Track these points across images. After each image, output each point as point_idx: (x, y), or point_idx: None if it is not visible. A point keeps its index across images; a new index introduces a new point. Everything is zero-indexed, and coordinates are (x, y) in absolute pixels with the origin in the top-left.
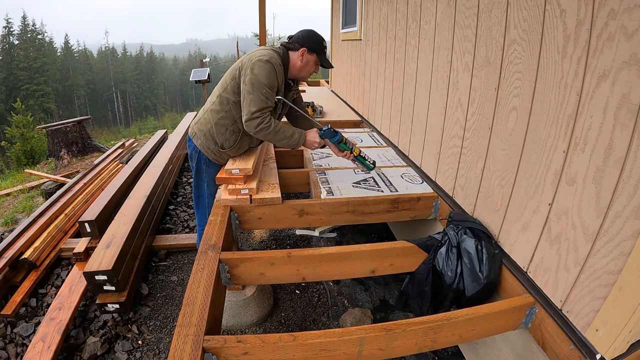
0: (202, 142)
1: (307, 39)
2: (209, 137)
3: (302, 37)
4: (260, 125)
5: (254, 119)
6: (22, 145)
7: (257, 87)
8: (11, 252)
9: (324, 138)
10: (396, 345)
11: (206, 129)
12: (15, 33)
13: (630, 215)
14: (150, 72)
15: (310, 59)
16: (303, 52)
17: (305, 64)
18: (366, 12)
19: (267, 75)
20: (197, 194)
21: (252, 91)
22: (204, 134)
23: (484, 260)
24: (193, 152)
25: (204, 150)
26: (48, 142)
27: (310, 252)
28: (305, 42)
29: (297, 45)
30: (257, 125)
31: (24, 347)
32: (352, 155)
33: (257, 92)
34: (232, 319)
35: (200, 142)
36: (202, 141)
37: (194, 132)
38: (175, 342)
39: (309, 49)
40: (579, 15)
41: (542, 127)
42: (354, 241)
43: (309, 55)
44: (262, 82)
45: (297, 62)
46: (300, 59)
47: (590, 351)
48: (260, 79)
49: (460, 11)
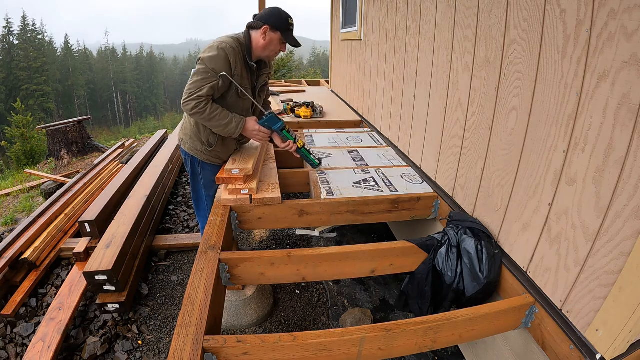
0: (190, 146)
1: (270, 16)
2: (194, 138)
3: (265, 15)
4: (195, 109)
5: (189, 101)
6: (22, 145)
7: (199, 72)
8: (11, 252)
9: (265, 126)
10: (396, 345)
11: (190, 132)
12: (15, 33)
13: (630, 215)
14: (150, 72)
15: (274, 37)
16: (265, 30)
17: (268, 42)
18: (366, 12)
19: (214, 60)
20: (196, 197)
21: (195, 74)
22: (189, 137)
23: (484, 260)
24: (186, 158)
25: (194, 153)
26: (48, 142)
27: (310, 252)
28: (268, 19)
29: (259, 23)
30: (192, 108)
31: (24, 347)
32: (295, 145)
33: (197, 76)
34: (232, 319)
35: (188, 146)
36: (189, 145)
37: (181, 139)
38: (175, 342)
39: (271, 26)
40: (579, 15)
41: (542, 127)
42: (354, 241)
43: (272, 34)
44: (208, 65)
45: (259, 40)
46: (263, 37)
47: (590, 351)
48: (207, 61)
49: (460, 11)
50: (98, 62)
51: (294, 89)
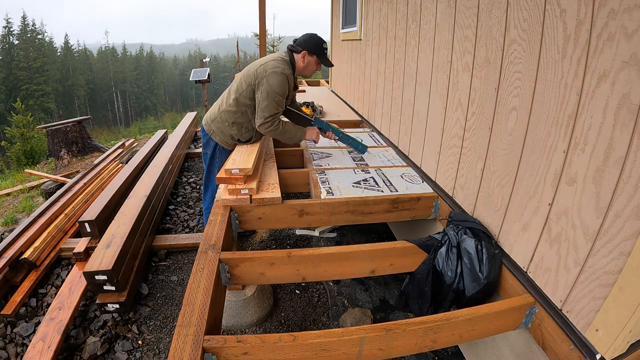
0: (220, 138)
1: (308, 42)
2: (227, 134)
3: (303, 41)
4: (271, 127)
5: (266, 123)
6: (22, 145)
7: (271, 96)
8: (11, 252)
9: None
10: (396, 345)
11: (224, 127)
12: (15, 33)
13: (630, 215)
14: (150, 72)
15: (311, 60)
16: (304, 54)
17: (306, 64)
18: (366, 12)
19: (280, 85)
20: (208, 179)
21: (266, 99)
22: (221, 131)
23: (484, 260)
24: (210, 141)
25: (222, 144)
26: (48, 142)
27: (310, 252)
28: (306, 45)
29: (299, 48)
30: (267, 128)
31: (24, 347)
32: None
33: (271, 100)
34: (232, 319)
35: (218, 138)
36: (220, 137)
37: (212, 130)
38: (175, 342)
39: (309, 51)
40: (579, 15)
41: (542, 127)
42: (354, 241)
43: (309, 57)
44: (276, 91)
45: (300, 63)
46: (302, 60)
47: (590, 351)
48: (275, 89)
49: (460, 11)
50: (98, 62)
51: None
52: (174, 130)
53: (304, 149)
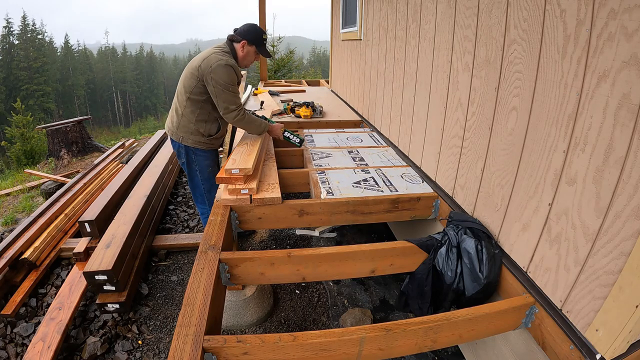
0: (193, 140)
1: (248, 32)
2: (196, 133)
3: (244, 30)
4: (237, 116)
5: (230, 112)
6: (22, 145)
7: (224, 87)
8: (11, 252)
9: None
10: (396, 345)
11: (191, 129)
12: (15, 33)
13: (630, 215)
14: (150, 72)
15: (250, 50)
16: (244, 44)
17: (245, 54)
18: (366, 12)
19: (229, 76)
20: (192, 185)
21: (222, 92)
22: (190, 133)
23: (484, 260)
24: (180, 149)
25: (197, 145)
26: (48, 142)
27: (310, 252)
28: (245, 35)
29: (239, 37)
30: (234, 117)
31: (24, 347)
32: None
33: (226, 91)
34: (232, 319)
35: (191, 141)
36: (192, 140)
37: (181, 136)
38: (175, 342)
39: (248, 41)
40: (579, 15)
41: (542, 127)
42: (354, 241)
43: (249, 47)
44: (227, 82)
45: (239, 52)
46: (242, 50)
47: (590, 351)
48: (225, 80)
49: (460, 11)
50: (98, 62)
51: (294, 89)
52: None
53: (304, 149)
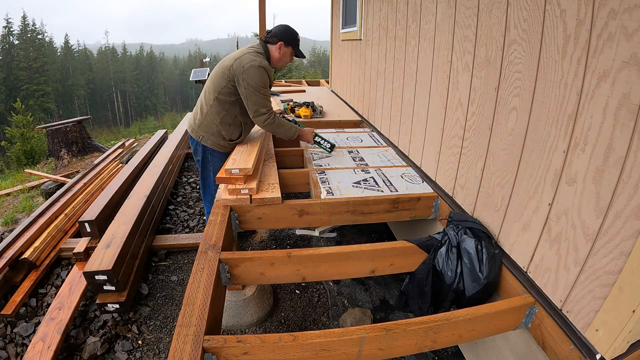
0: (212, 142)
1: (284, 33)
2: (217, 135)
3: (279, 32)
4: (267, 120)
5: (261, 115)
6: (22, 145)
7: (256, 89)
8: (11, 252)
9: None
10: (396, 345)
11: (213, 130)
12: (15, 33)
13: (630, 215)
14: (150, 72)
15: (287, 51)
16: (280, 45)
17: (282, 55)
18: (366, 12)
19: (262, 78)
20: (204, 184)
21: (253, 94)
22: (212, 134)
23: (484, 260)
24: (198, 147)
25: (215, 147)
26: (48, 142)
27: (310, 252)
28: (282, 36)
29: (275, 39)
30: (264, 120)
31: (24, 347)
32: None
33: (257, 94)
34: (232, 319)
35: (210, 141)
36: (211, 141)
37: (201, 135)
38: (175, 342)
39: (285, 42)
40: (579, 15)
41: (542, 127)
42: (354, 241)
43: (285, 48)
44: (259, 84)
45: (275, 54)
46: (278, 51)
47: (590, 351)
48: (257, 82)
49: (460, 11)
50: (98, 62)
51: (294, 88)
52: (174, 130)
53: (304, 149)
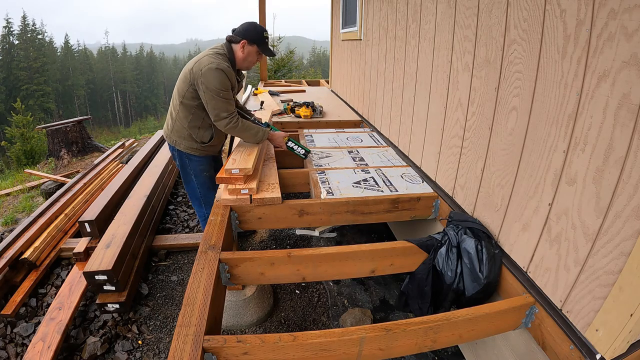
0: (185, 145)
1: (247, 31)
2: (189, 139)
3: (242, 30)
4: (229, 124)
5: (222, 119)
6: (22, 145)
7: (215, 92)
8: (11, 252)
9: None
10: (396, 345)
11: (184, 134)
12: (15, 33)
13: (630, 215)
14: (150, 72)
15: (251, 50)
16: (244, 44)
17: (247, 54)
18: (366, 12)
19: (220, 80)
20: (189, 188)
21: (212, 98)
22: (184, 138)
23: (484, 260)
24: (174, 153)
25: (190, 151)
26: (48, 142)
27: (310, 252)
28: (245, 34)
29: (238, 38)
30: (226, 125)
31: (24, 347)
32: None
33: (217, 97)
34: (232, 319)
35: (183, 146)
36: (185, 144)
37: (174, 140)
38: (175, 342)
39: (249, 40)
40: (579, 15)
41: (542, 127)
42: (354, 241)
43: (249, 47)
44: (218, 87)
45: (239, 53)
46: (242, 50)
47: (590, 351)
48: (216, 85)
49: (460, 11)
50: (98, 62)
51: (294, 89)
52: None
53: None
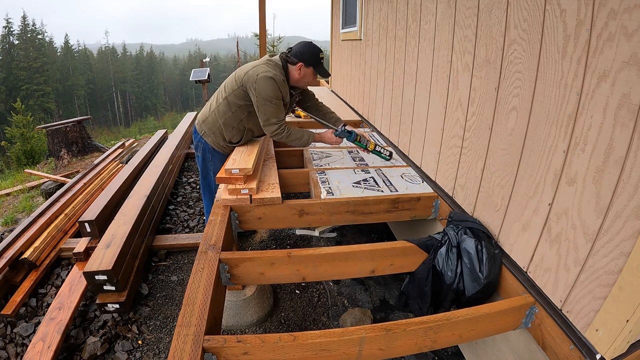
0: (212, 139)
1: (304, 54)
2: (218, 134)
3: (299, 52)
4: (277, 131)
5: (271, 124)
6: (22, 145)
7: (267, 99)
8: (11, 252)
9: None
10: (396, 345)
11: (215, 127)
12: (15, 33)
13: (630, 215)
14: (150, 72)
15: (308, 72)
16: (300, 66)
17: (303, 76)
18: (366, 12)
19: (272, 88)
20: (205, 182)
21: (264, 103)
22: (213, 132)
23: (484, 260)
24: (199, 143)
25: (214, 145)
26: (48, 142)
27: (310, 252)
28: (303, 57)
29: (294, 60)
30: (273, 131)
31: (24, 347)
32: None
33: (268, 104)
34: (232, 319)
35: (210, 139)
36: (212, 138)
37: (203, 130)
38: (175, 342)
39: (305, 63)
40: (579, 15)
41: (542, 127)
42: (354, 241)
43: (306, 69)
44: (270, 95)
45: (295, 74)
46: (298, 72)
47: (590, 351)
48: (268, 92)
49: (460, 11)
50: (98, 62)
51: None
52: (174, 130)
53: (304, 149)
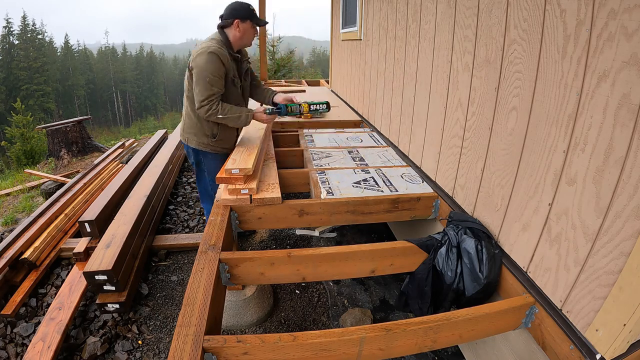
0: (198, 141)
1: (235, 10)
2: (200, 134)
3: (230, 12)
4: (210, 111)
5: (203, 106)
6: (22, 145)
7: (202, 77)
8: (11, 252)
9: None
10: (396, 345)
11: (194, 128)
12: (15, 33)
13: (630, 215)
14: (150, 72)
15: (246, 26)
16: (237, 23)
17: (243, 32)
18: (366, 12)
19: (209, 63)
20: (201, 186)
21: (198, 82)
22: (194, 134)
23: (484, 260)
24: (189, 152)
25: (200, 147)
26: (48, 142)
27: (310, 252)
28: (235, 14)
29: (229, 21)
30: (206, 112)
31: (24, 347)
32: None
33: (203, 82)
34: (232, 319)
35: (196, 142)
36: (197, 140)
37: (187, 138)
38: (175, 342)
39: (241, 18)
40: (579, 15)
41: (542, 127)
42: (354, 241)
43: (243, 24)
44: (207, 70)
45: (235, 34)
46: (237, 29)
47: (590, 351)
48: (204, 68)
49: (460, 11)
50: (98, 62)
51: (294, 88)
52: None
53: (304, 149)
